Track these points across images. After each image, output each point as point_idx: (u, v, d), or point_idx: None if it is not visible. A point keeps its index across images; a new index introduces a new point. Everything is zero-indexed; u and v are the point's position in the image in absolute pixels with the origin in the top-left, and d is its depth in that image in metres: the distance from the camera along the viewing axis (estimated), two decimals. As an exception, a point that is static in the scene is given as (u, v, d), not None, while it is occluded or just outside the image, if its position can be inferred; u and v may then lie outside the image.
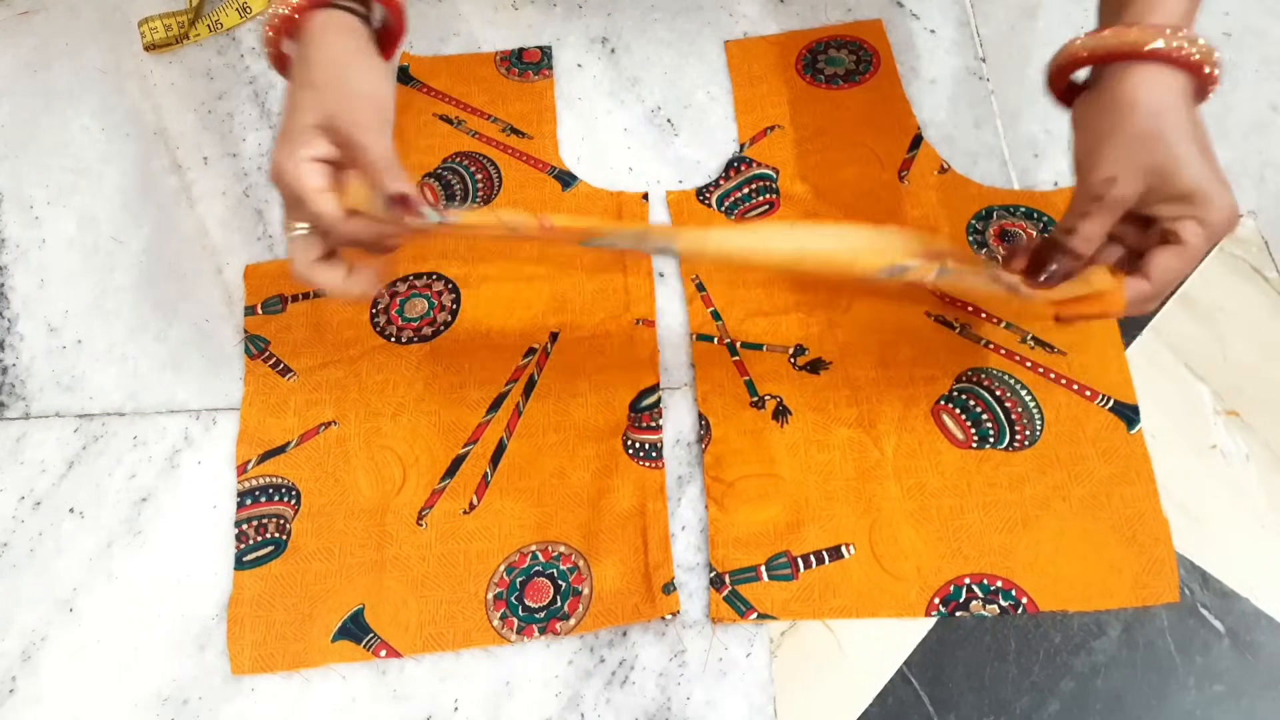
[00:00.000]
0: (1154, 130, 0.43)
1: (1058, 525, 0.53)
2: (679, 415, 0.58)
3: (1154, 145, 0.43)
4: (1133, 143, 0.44)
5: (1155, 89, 0.43)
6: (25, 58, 0.74)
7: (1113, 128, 0.44)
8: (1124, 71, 0.44)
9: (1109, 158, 0.44)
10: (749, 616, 0.52)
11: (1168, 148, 0.43)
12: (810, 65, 0.70)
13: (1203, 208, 0.44)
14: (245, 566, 0.55)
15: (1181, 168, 0.43)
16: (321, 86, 0.46)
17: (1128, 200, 0.45)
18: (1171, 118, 0.43)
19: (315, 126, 0.46)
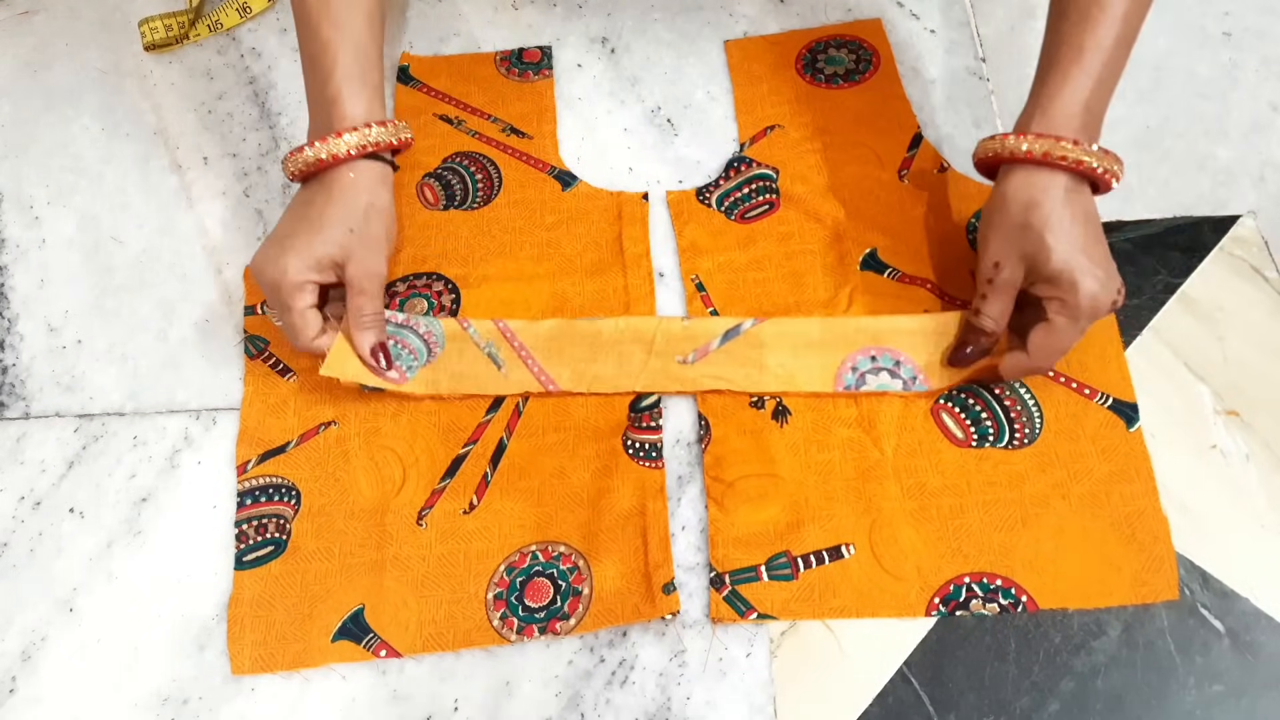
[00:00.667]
0: (1023, 222, 0.51)
1: (1057, 523, 0.53)
2: (679, 415, 0.58)
3: (1024, 235, 0.51)
4: (1006, 232, 0.52)
5: (1027, 187, 0.51)
6: (25, 58, 0.74)
7: (995, 219, 0.52)
8: (1007, 171, 0.52)
9: (993, 246, 0.52)
10: (749, 616, 0.52)
11: (1037, 237, 0.50)
12: (810, 65, 0.70)
13: (1065, 291, 0.50)
14: (245, 567, 0.55)
15: (1049, 255, 0.50)
16: (355, 236, 0.54)
17: (1015, 283, 0.52)
18: (1041, 212, 0.50)
19: (330, 260, 0.54)
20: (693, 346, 0.57)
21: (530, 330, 0.59)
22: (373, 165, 0.56)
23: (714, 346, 0.57)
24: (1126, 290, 0.52)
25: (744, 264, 0.62)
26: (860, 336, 0.57)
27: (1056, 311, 0.51)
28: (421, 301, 0.62)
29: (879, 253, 0.62)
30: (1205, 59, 0.68)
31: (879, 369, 0.56)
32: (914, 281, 0.60)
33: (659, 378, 0.57)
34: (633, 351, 0.58)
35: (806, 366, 0.57)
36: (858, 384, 0.56)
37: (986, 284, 0.53)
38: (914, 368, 0.56)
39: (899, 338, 0.56)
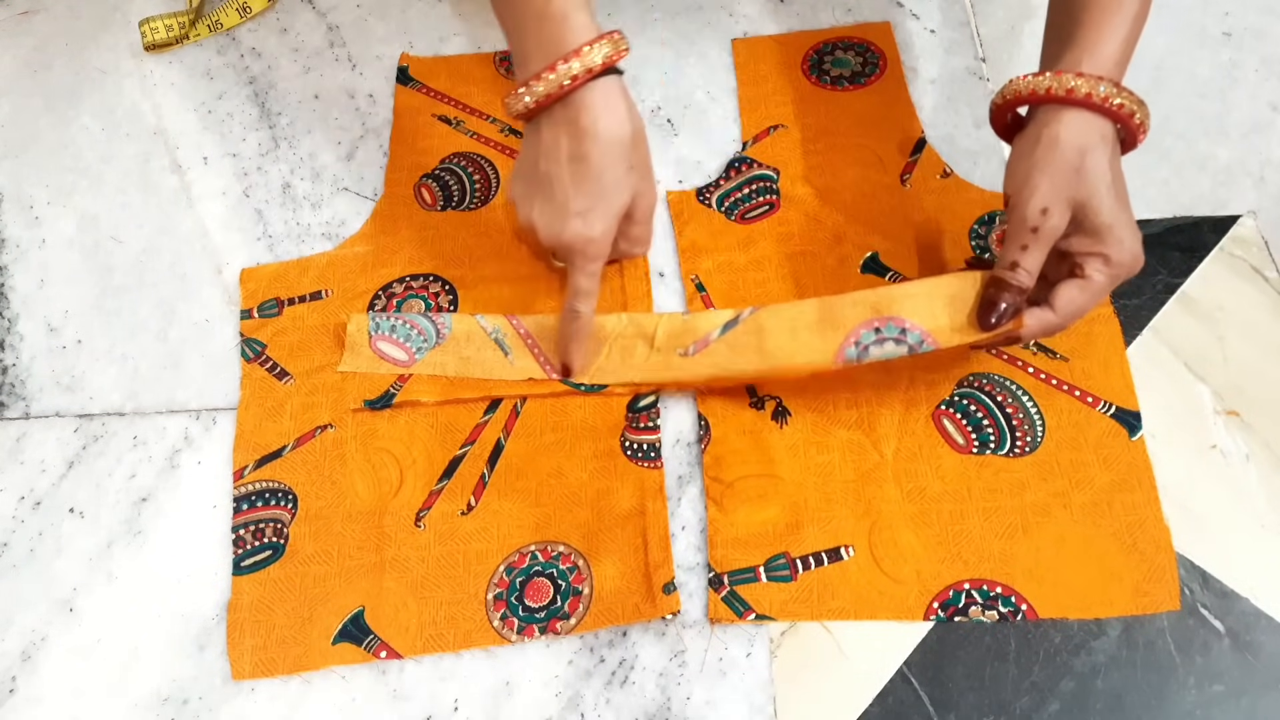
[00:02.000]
0: (1077, 166, 0.47)
1: (1058, 532, 0.53)
2: (678, 415, 0.58)
3: (1076, 180, 0.47)
4: (1059, 177, 0.48)
5: (1081, 131, 0.48)
6: (25, 58, 0.74)
7: (1043, 162, 0.48)
8: (1055, 113, 0.48)
9: (1043, 189, 0.48)
10: (747, 617, 0.52)
11: (1091, 185, 0.47)
12: (816, 66, 0.70)
13: (1111, 246, 0.48)
14: (243, 571, 0.55)
15: (1100, 205, 0.47)
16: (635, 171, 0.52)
17: (1059, 231, 0.48)
18: (1093, 158, 0.47)
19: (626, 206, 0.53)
20: (693, 339, 0.57)
21: (537, 321, 0.59)
22: (615, 80, 0.51)
23: (714, 337, 0.56)
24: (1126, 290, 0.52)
25: (744, 264, 0.62)
26: (861, 310, 0.53)
27: (1098, 268, 0.48)
28: (419, 303, 0.62)
29: (880, 256, 0.62)
30: (1205, 59, 0.68)
31: (884, 339, 0.52)
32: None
33: (660, 371, 0.57)
34: (635, 345, 0.58)
35: (807, 346, 0.54)
36: (860, 356, 0.52)
37: (1030, 233, 0.48)
38: (920, 332, 0.51)
39: (903, 304, 0.52)
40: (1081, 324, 0.58)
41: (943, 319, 0.52)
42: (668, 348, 0.57)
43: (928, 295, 0.52)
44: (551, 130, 0.51)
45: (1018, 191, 0.49)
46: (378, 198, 0.66)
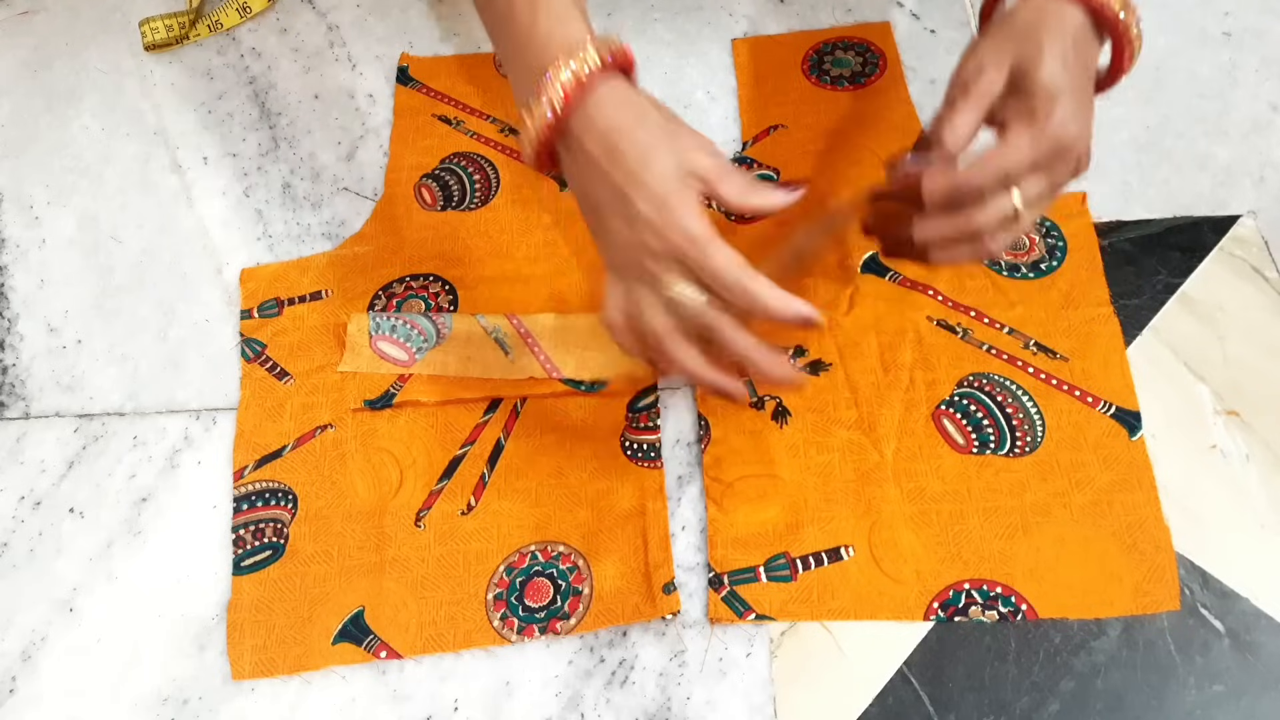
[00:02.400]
0: (1027, 31, 0.44)
1: (1058, 532, 0.53)
2: (678, 415, 0.58)
3: (1023, 42, 0.44)
4: (1005, 40, 0.45)
5: (1042, 11, 0.45)
6: (25, 58, 0.74)
7: (997, 32, 0.45)
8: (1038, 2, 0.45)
9: (982, 50, 0.45)
10: (747, 617, 0.52)
11: (1035, 45, 0.44)
12: (817, 66, 0.70)
13: (1041, 107, 0.43)
14: (243, 571, 0.55)
15: (1040, 64, 0.43)
16: (673, 133, 0.44)
17: (992, 94, 0.45)
18: (1049, 29, 0.44)
19: (688, 174, 0.43)
20: None
21: (536, 321, 0.59)
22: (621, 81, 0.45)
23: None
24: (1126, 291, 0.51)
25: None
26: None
27: (1020, 131, 0.43)
28: (419, 303, 0.62)
29: (880, 256, 0.62)
30: (1205, 59, 0.68)
31: None
32: (915, 286, 0.60)
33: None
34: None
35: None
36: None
37: (959, 89, 0.45)
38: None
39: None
40: (1081, 324, 0.58)
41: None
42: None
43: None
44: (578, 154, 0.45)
45: (964, 57, 0.46)
46: (378, 198, 0.66)
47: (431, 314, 0.60)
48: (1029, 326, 0.59)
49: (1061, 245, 0.61)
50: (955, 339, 0.59)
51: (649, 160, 0.43)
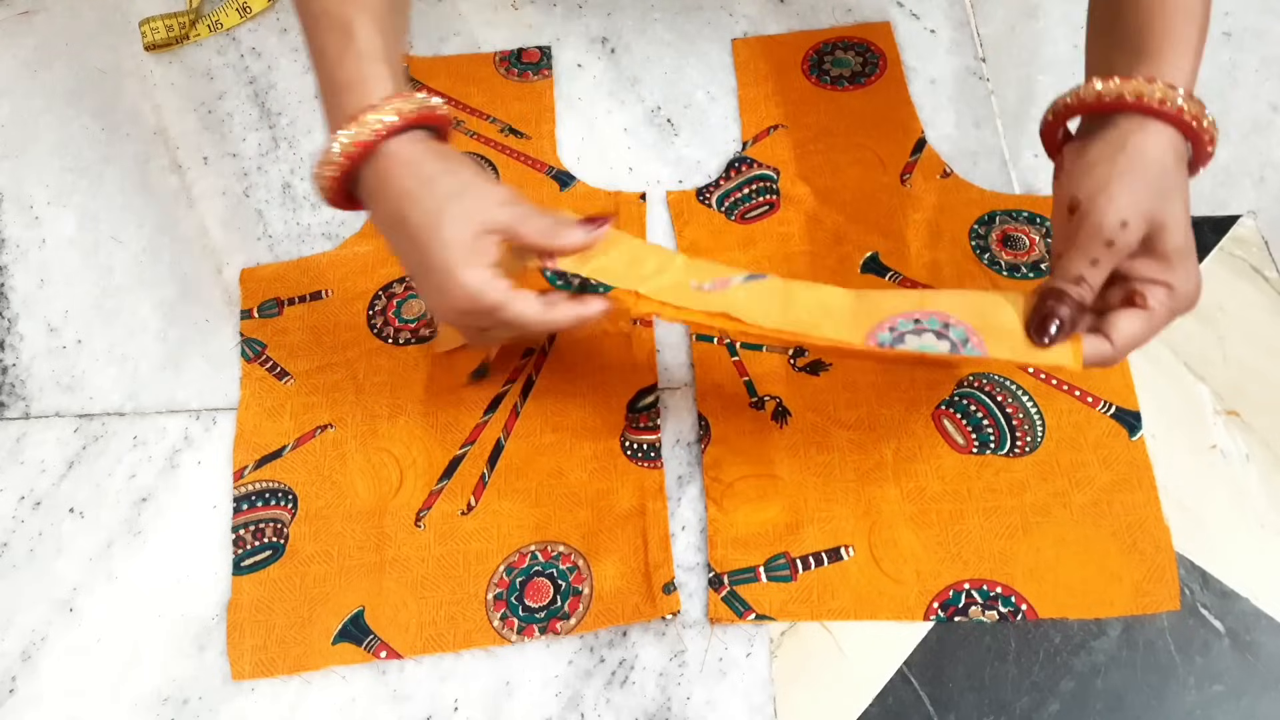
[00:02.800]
0: (1161, 184, 0.43)
1: (1058, 532, 0.53)
2: (679, 415, 0.58)
3: (1158, 199, 0.43)
4: (1143, 192, 0.43)
5: (1166, 147, 0.43)
6: (25, 58, 0.74)
7: (1128, 173, 0.43)
8: (1140, 123, 0.43)
9: (1123, 201, 0.43)
10: (747, 617, 0.52)
11: (1171, 207, 0.43)
12: (816, 65, 0.70)
13: (1178, 276, 0.43)
14: (243, 571, 0.55)
15: (1175, 230, 0.43)
16: (460, 194, 0.45)
17: (1131, 248, 0.43)
18: (1176, 178, 0.43)
19: (484, 232, 0.45)
20: (712, 276, 0.49)
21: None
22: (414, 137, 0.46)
23: (735, 281, 0.49)
24: None
25: (744, 265, 0.62)
26: (901, 301, 0.47)
27: (1161, 299, 0.43)
28: (419, 303, 0.62)
29: (880, 256, 0.62)
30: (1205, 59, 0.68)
31: (923, 330, 0.45)
32: (915, 286, 0.60)
33: (668, 292, 0.48)
34: (646, 258, 0.50)
35: (836, 320, 0.47)
36: (894, 342, 0.45)
37: (1104, 246, 0.43)
38: (966, 330, 0.45)
39: (948, 302, 0.46)
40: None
41: (995, 322, 0.45)
42: (682, 276, 0.49)
43: (975, 299, 0.46)
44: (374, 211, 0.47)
45: (1093, 199, 0.43)
46: (378, 198, 0.66)
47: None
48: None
49: (1061, 245, 0.61)
50: (955, 339, 0.59)
51: (437, 229, 0.44)
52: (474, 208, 0.45)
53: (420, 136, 0.46)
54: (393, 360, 0.60)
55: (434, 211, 0.44)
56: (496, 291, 0.45)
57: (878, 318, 0.46)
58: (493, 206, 0.45)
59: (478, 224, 0.45)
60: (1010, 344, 0.44)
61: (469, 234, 0.44)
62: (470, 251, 0.44)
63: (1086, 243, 0.43)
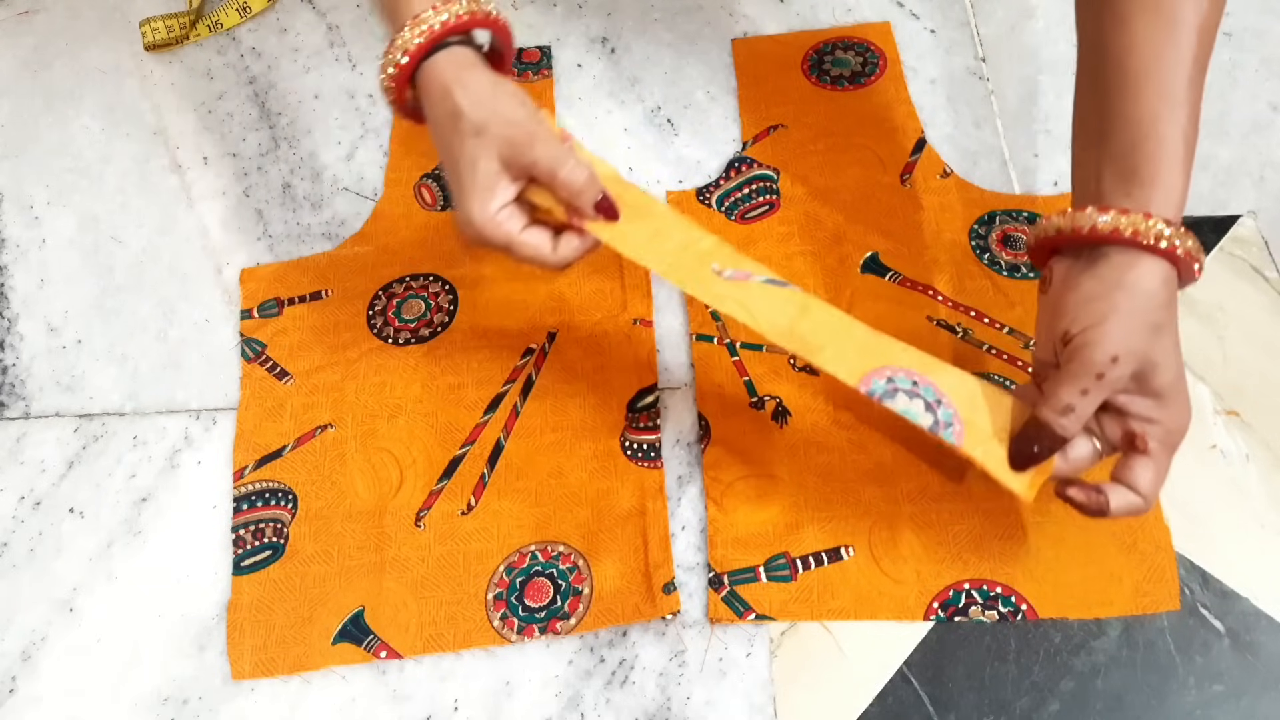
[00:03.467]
0: (1156, 322, 0.43)
1: (1058, 532, 0.53)
2: (679, 415, 0.58)
3: (1152, 337, 0.43)
4: (1136, 329, 0.43)
5: (1160, 284, 0.43)
6: (25, 58, 0.74)
7: (1123, 310, 0.43)
8: (1134, 257, 0.43)
9: (1115, 336, 0.43)
10: (747, 617, 0.52)
11: (1162, 344, 0.43)
12: (816, 65, 0.70)
13: (1171, 415, 0.44)
14: (243, 571, 0.55)
15: (1166, 366, 0.43)
16: (482, 129, 0.46)
17: (1122, 383, 0.44)
18: (1169, 314, 0.44)
19: (497, 171, 0.46)
20: (735, 266, 0.49)
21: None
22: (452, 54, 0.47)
23: (755, 278, 0.49)
24: None
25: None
26: (908, 357, 0.48)
27: (1159, 440, 0.44)
28: (419, 303, 0.62)
29: (880, 256, 0.62)
30: (1205, 59, 0.68)
31: (915, 394, 0.46)
32: (915, 287, 0.60)
33: (685, 272, 0.48)
34: (671, 234, 0.49)
35: (840, 350, 0.47)
36: (885, 396, 0.46)
37: (1095, 379, 0.43)
38: (954, 415, 0.46)
39: (949, 380, 0.47)
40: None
41: (982, 419, 0.46)
42: (704, 258, 0.49)
43: (976, 387, 0.47)
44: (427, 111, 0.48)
45: (1088, 332, 0.43)
46: (378, 198, 0.66)
47: None
48: (1029, 326, 0.59)
49: (1061, 245, 0.61)
50: (955, 339, 0.59)
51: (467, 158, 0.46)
52: (505, 143, 0.46)
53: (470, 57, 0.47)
54: (393, 360, 0.60)
55: (468, 135, 0.46)
56: (505, 231, 0.47)
57: (880, 361, 0.47)
58: (524, 148, 0.46)
59: (503, 162, 0.46)
60: (984, 448, 0.46)
61: (494, 169, 0.46)
62: (488, 190, 0.46)
63: (1077, 374, 0.43)
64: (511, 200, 0.47)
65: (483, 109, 0.46)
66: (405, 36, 0.46)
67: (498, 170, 0.46)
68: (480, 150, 0.46)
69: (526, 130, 0.46)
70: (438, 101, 0.47)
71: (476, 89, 0.46)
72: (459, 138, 0.46)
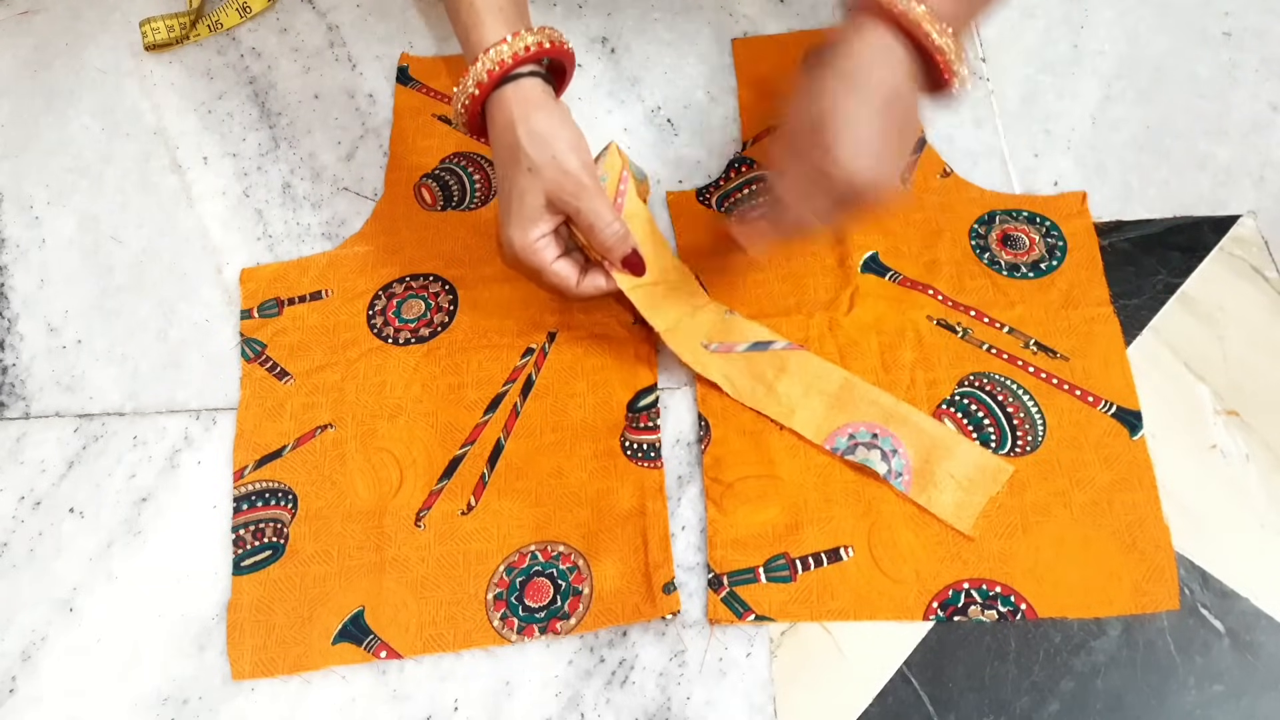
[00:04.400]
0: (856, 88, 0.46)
1: (1058, 531, 0.53)
2: (679, 415, 0.58)
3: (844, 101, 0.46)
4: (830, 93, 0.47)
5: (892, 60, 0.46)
6: (25, 58, 0.74)
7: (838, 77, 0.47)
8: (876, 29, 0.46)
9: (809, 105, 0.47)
10: (746, 618, 0.52)
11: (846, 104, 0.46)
12: None
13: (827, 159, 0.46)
14: (243, 571, 0.55)
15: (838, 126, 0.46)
16: (536, 169, 0.51)
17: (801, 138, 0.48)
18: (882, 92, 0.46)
19: (541, 207, 0.51)
20: (722, 338, 0.58)
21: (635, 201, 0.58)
22: (519, 88, 0.51)
23: (739, 349, 0.57)
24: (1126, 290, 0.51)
25: (744, 265, 0.62)
26: (873, 411, 0.55)
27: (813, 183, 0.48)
28: (419, 303, 0.62)
29: (880, 255, 0.61)
30: (1205, 59, 0.68)
31: (874, 446, 0.54)
32: (915, 286, 0.60)
33: (679, 342, 0.57)
34: (676, 301, 0.57)
35: (810, 410, 0.56)
36: (847, 451, 0.55)
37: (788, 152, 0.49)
38: (906, 464, 0.54)
39: (908, 430, 0.55)
40: (1081, 324, 0.58)
41: (932, 467, 0.54)
42: (697, 329, 0.58)
43: (931, 438, 0.54)
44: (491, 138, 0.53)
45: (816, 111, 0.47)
46: (378, 198, 0.66)
47: None
48: (1029, 326, 0.59)
49: (1061, 245, 0.61)
50: (955, 338, 0.59)
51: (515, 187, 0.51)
52: (555, 187, 0.51)
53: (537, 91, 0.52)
54: (393, 360, 0.60)
55: (523, 170, 0.51)
56: (539, 259, 0.53)
57: (845, 419, 0.55)
58: (570, 198, 0.51)
59: (549, 200, 0.51)
60: (928, 495, 0.53)
61: (539, 205, 0.51)
62: (531, 221, 0.52)
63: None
64: (550, 231, 0.53)
65: (541, 152, 0.50)
66: (477, 69, 0.51)
67: (542, 206, 0.51)
68: (530, 186, 0.51)
69: (576, 182, 0.51)
70: (502, 132, 0.51)
71: (539, 129, 0.51)
72: (515, 170, 0.51)
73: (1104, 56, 0.69)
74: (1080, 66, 0.68)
